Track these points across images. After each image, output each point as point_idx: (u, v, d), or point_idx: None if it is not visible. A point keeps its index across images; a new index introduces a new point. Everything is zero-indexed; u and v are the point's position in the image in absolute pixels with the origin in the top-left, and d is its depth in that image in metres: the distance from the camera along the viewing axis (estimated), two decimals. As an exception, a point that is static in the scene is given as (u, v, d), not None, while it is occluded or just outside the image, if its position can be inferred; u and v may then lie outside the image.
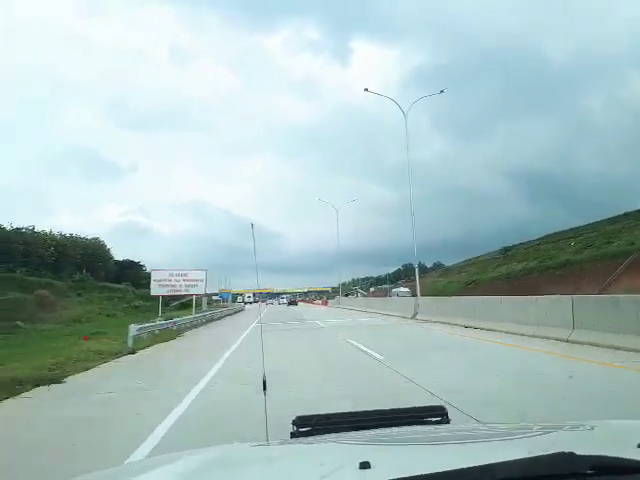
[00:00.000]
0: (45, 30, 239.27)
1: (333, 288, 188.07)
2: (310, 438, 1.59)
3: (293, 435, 1.68)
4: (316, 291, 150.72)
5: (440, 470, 0.89)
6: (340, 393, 6.35)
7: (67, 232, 77.66)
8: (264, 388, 2.19)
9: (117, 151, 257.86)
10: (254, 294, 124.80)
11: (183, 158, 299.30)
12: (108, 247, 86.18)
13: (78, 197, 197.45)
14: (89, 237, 77.02)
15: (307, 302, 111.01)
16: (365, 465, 0.98)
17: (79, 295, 65.45)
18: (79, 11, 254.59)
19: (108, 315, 57.87)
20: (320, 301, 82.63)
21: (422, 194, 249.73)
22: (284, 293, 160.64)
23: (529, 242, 67.01)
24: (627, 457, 0.91)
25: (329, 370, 8.63)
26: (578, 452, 0.90)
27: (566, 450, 0.90)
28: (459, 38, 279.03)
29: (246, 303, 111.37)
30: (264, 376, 2.18)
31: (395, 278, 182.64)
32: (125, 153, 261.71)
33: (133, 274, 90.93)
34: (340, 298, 57.83)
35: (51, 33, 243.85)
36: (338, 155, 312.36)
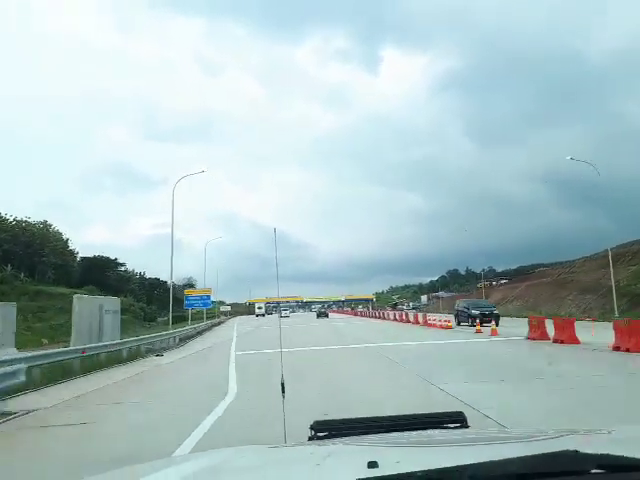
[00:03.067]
0: (79, 46, 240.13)
1: (397, 289, 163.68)
2: (326, 440, 1.60)
3: (311, 439, 1.67)
4: (355, 299, 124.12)
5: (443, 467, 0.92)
6: None
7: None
8: (282, 391, 2.33)
9: (148, 163, 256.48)
10: (266, 304, 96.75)
11: (213, 170, 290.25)
12: (65, 237, 61.96)
13: (111, 210, 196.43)
14: (32, 220, 52.57)
15: (347, 313, 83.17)
16: (373, 464, 1.01)
17: (-19, 304, 41.03)
18: (113, 27, 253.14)
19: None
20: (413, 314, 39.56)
21: (460, 201, 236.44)
22: (315, 301, 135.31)
23: None
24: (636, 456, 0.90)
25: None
26: (586, 452, 0.90)
27: (575, 449, 0.91)
28: (488, 42, 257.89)
29: (258, 315, 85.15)
30: (282, 378, 2.30)
31: (442, 285, 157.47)
32: (156, 165, 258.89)
33: (108, 275, 66.64)
34: None
35: (84, 49, 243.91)
36: (369, 164, 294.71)
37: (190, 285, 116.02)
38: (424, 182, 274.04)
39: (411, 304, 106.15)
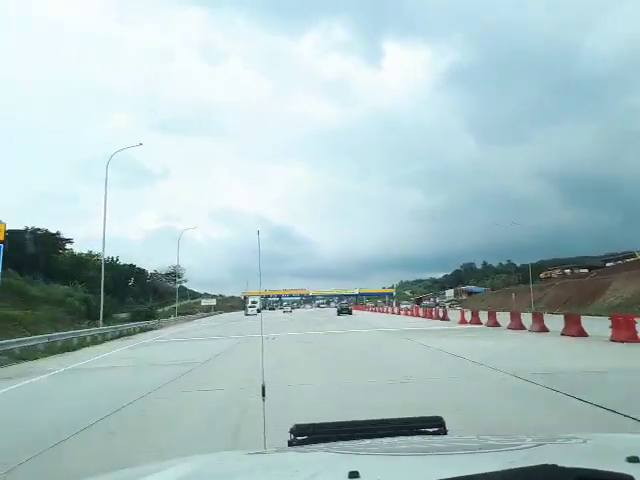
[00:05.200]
0: (79, 36, 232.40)
1: (408, 284, 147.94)
2: (305, 447, 1.58)
3: (290, 443, 1.63)
4: (371, 293, 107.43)
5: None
6: None
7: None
8: (263, 394, 2.30)
9: (150, 157, 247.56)
10: (263, 298, 78.53)
11: (215, 164, 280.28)
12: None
13: (114, 203, 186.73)
14: None
15: (375, 310, 66.27)
16: (354, 474, 1.00)
17: None
18: (113, 17, 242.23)
19: None
20: None
21: (466, 197, 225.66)
22: (323, 296, 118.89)
23: None
24: (613, 470, 0.91)
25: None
26: (564, 464, 0.90)
27: (554, 463, 0.90)
28: (492, 36, 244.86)
29: (248, 315, 67.25)
30: (263, 381, 2.30)
31: (458, 280, 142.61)
32: (158, 159, 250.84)
33: (55, 257, 50.45)
34: None
35: (85, 39, 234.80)
36: (371, 160, 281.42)
37: (176, 275, 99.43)
38: (430, 179, 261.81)
39: (438, 299, 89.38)
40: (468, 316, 25.94)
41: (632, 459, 1.03)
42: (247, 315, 64.31)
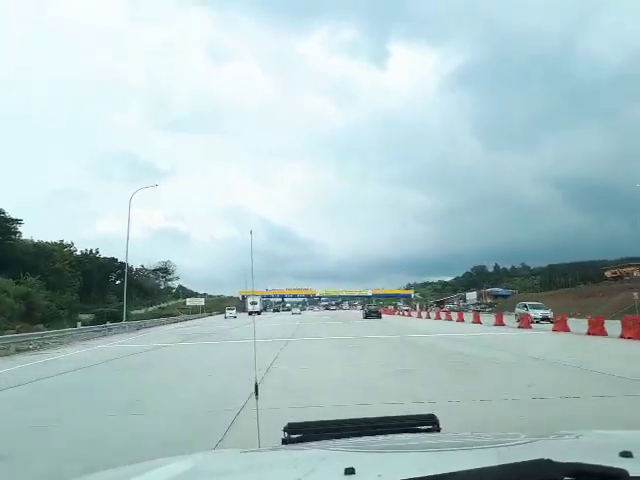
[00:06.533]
0: (86, 35, 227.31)
1: (416, 287, 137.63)
2: (300, 444, 1.57)
3: (284, 442, 1.62)
4: (386, 295, 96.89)
5: (420, 476, 0.91)
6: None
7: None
8: (256, 393, 2.24)
9: (155, 154, 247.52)
10: (264, 298, 68.79)
11: (220, 163, 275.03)
12: None
13: (119, 201, 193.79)
14: None
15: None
16: (350, 471, 1.00)
17: None
18: (121, 15, 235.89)
19: None
20: None
21: (472, 201, 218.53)
22: (330, 297, 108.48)
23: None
24: (607, 465, 0.92)
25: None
26: (558, 460, 0.91)
27: (548, 458, 0.91)
28: (501, 39, 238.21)
29: (227, 318, 58.29)
30: (255, 380, 2.23)
31: (470, 283, 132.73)
32: (163, 156, 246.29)
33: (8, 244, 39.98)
34: None
35: (91, 37, 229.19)
36: (378, 161, 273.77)
37: (165, 271, 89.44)
38: (436, 181, 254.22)
39: (461, 303, 79.15)
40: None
41: (625, 454, 1.04)
42: (226, 318, 55.35)
